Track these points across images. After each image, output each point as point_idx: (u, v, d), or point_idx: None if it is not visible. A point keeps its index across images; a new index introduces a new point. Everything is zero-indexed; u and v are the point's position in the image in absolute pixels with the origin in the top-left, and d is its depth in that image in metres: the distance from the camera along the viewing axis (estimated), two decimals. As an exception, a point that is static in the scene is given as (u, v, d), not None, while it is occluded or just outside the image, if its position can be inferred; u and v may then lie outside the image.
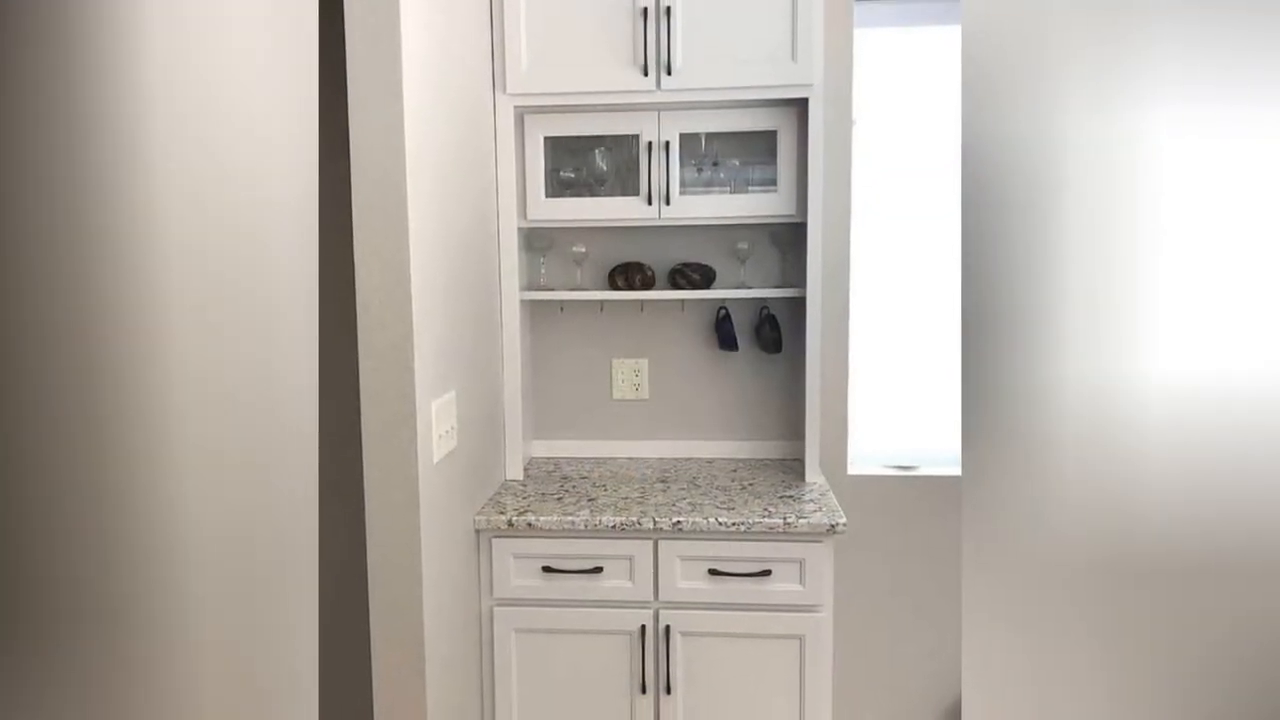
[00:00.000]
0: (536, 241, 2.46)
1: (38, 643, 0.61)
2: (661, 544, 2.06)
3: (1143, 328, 0.74)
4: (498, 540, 2.09)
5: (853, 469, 2.64)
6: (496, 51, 2.23)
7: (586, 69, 2.21)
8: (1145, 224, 0.73)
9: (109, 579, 0.66)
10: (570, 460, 2.59)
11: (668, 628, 2.07)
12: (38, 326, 0.59)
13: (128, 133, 0.62)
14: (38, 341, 0.59)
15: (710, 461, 2.56)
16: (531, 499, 2.20)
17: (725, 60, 2.20)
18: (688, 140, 2.35)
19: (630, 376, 2.60)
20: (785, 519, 2.02)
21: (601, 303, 2.58)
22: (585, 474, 2.44)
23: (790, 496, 2.19)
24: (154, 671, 0.71)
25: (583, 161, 2.39)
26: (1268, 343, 0.71)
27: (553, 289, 2.53)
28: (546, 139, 2.34)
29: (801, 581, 2.04)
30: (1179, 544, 0.75)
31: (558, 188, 2.40)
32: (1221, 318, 0.72)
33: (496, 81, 2.24)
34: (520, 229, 2.36)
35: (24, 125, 0.56)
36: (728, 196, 2.32)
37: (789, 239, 2.43)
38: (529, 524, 2.06)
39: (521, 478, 2.39)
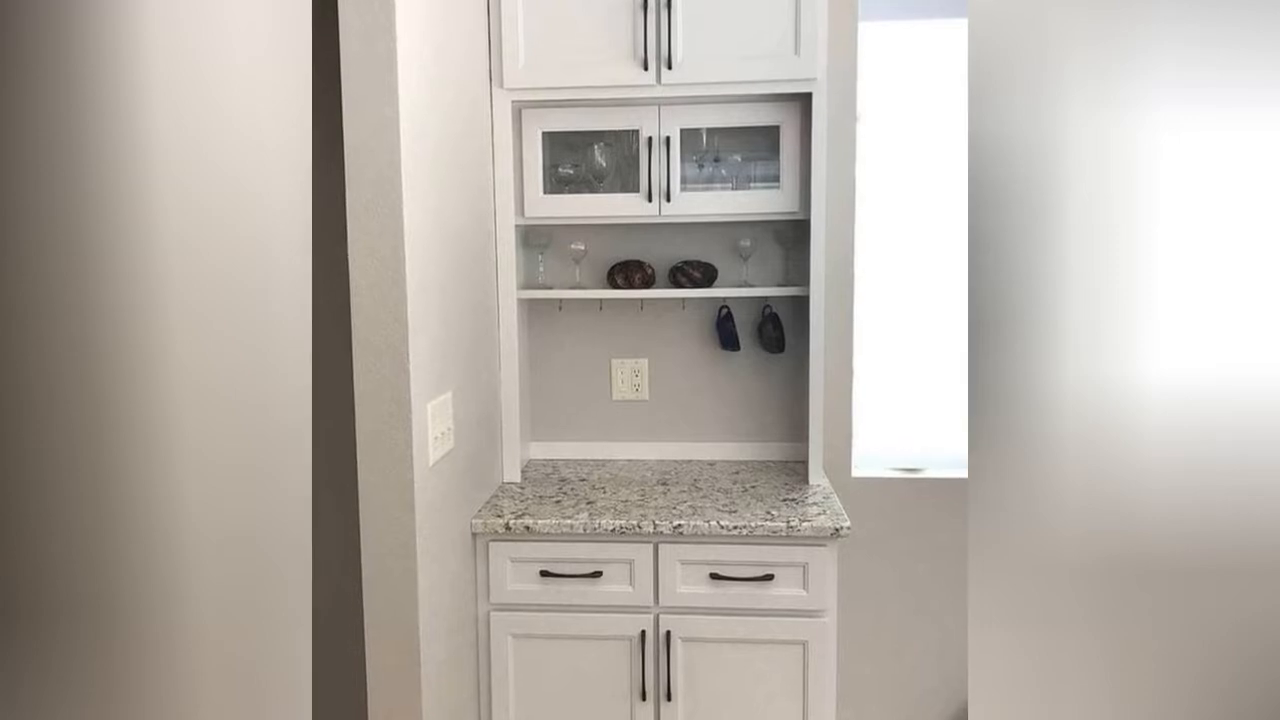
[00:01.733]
0: (534, 239, 2.48)
1: (35, 643, 0.62)
2: (662, 548, 2.08)
3: (1144, 329, 0.76)
4: (495, 544, 2.11)
5: (857, 471, 2.66)
6: (493, 45, 2.24)
7: (585, 63, 2.23)
8: (1148, 224, 0.75)
9: (104, 579, 0.67)
10: (569, 462, 2.61)
11: (668, 633, 2.09)
12: (35, 325, 0.60)
13: (127, 133, 0.64)
14: (35, 340, 0.60)
15: (711, 463, 2.58)
16: (529, 502, 2.21)
17: (727, 54, 2.21)
18: (689, 136, 2.36)
19: (630, 377, 2.62)
20: (788, 522, 2.03)
21: (601, 301, 2.60)
22: (584, 476, 2.45)
23: (793, 499, 2.20)
24: (147, 672, 0.73)
25: (581, 157, 2.41)
26: (1268, 343, 0.72)
27: (551, 287, 2.55)
28: (545, 134, 2.36)
29: (805, 586, 2.06)
30: (1183, 545, 0.77)
31: (556, 184, 2.42)
32: (1232, 318, 0.74)
33: (493, 76, 2.25)
34: (518, 226, 2.38)
35: (24, 125, 0.58)
36: (729, 193, 2.34)
37: (792, 236, 2.45)
38: (527, 527, 2.07)
39: (519, 480, 2.41)
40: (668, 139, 2.30)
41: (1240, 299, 0.73)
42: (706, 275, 2.44)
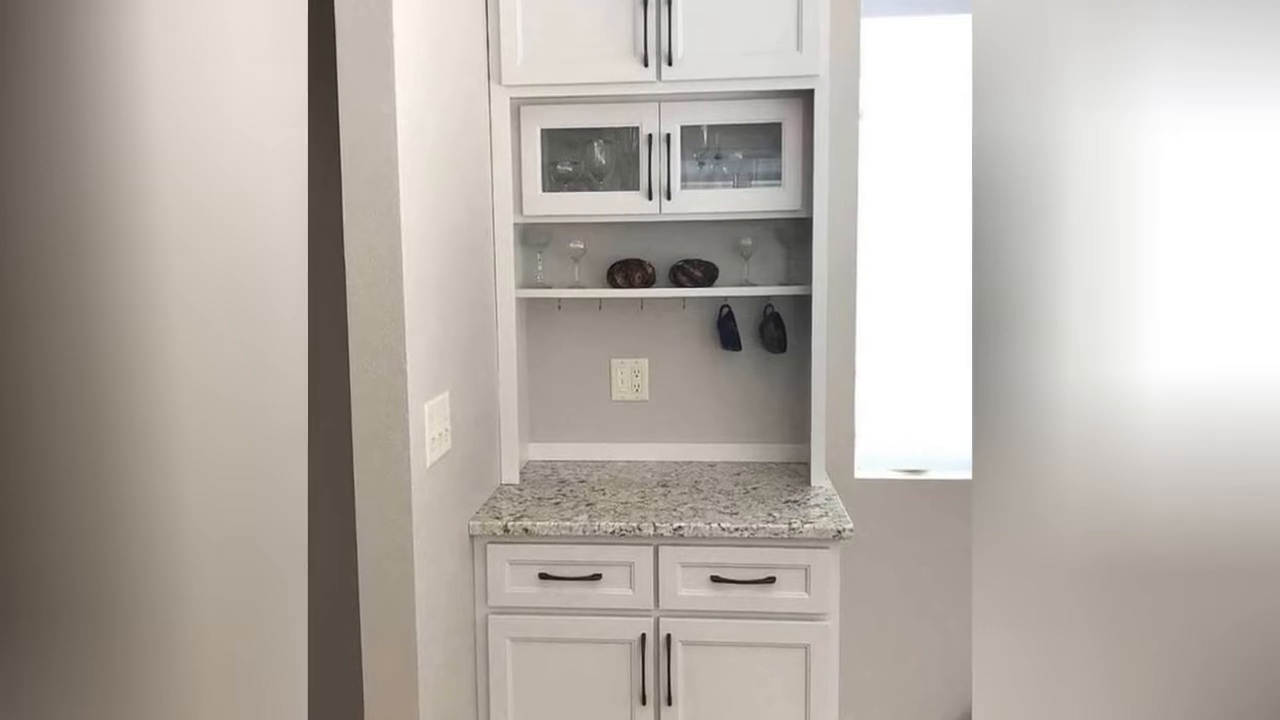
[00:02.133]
0: (533, 237, 2.49)
1: (35, 643, 0.64)
2: (662, 550, 2.09)
3: (1144, 329, 0.77)
4: (493, 546, 2.12)
5: (860, 472, 2.67)
6: (492, 41, 2.25)
7: (585, 59, 2.24)
8: (1148, 225, 0.76)
9: (102, 578, 0.69)
10: (568, 463, 2.62)
11: (669, 636, 2.10)
12: (35, 325, 0.61)
13: (127, 133, 0.65)
14: (35, 340, 0.62)
15: (712, 465, 2.59)
16: (528, 503, 2.22)
17: (728, 50, 2.22)
18: (689, 133, 2.37)
19: (630, 377, 2.63)
20: (790, 524, 2.04)
21: (600, 301, 2.61)
22: (583, 478, 2.46)
23: (795, 501, 2.22)
24: (145, 672, 0.74)
25: (581, 155, 2.42)
26: (1268, 343, 0.74)
27: (550, 286, 2.56)
28: (543, 131, 2.37)
29: (807, 589, 2.07)
30: (1183, 545, 0.78)
31: (555, 182, 2.43)
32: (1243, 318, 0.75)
33: (492, 72, 2.26)
34: (516, 224, 2.39)
35: (24, 125, 0.59)
36: (730, 191, 2.35)
37: (794, 235, 2.46)
38: (525, 529, 2.09)
39: (518, 481, 2.42)
40: (668, 136, 2.31)
41: (1240, 299, 0.74)
42: (707, 274, 2.45)
